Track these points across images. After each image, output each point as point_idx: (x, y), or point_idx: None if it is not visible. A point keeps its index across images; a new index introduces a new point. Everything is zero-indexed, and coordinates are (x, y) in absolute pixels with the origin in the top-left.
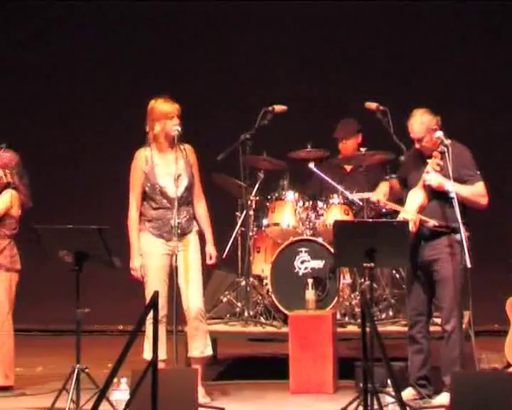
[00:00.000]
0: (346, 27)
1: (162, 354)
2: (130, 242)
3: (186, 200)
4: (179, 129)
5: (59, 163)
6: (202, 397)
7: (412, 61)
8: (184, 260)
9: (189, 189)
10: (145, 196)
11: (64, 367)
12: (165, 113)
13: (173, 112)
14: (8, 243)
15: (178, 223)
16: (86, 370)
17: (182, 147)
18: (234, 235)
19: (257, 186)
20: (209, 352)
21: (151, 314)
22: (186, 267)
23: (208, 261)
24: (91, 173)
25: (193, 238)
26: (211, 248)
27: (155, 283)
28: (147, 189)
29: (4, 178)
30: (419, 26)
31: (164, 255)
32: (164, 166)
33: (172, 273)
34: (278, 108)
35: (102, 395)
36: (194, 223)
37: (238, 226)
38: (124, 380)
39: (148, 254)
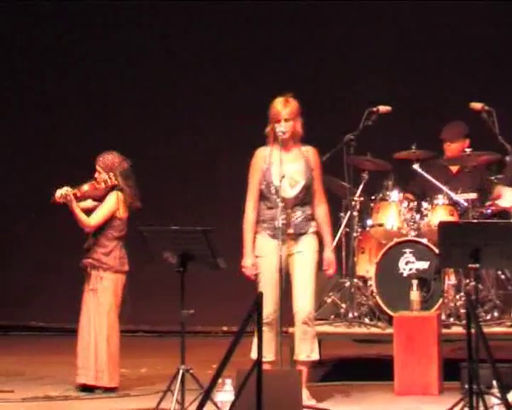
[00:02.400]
0: (453, 28)
1: (271, 356)
2: (244, 239)
3: (301, 201)
4: (283, 130)
5: (164, 166)
6: (307, 400)
7: None
8: (297, 261)
9: (306, 190)
10: (262, 196)
11: (169, 368)
12: (273, 114)
13: (280, 115)
14: (115, 245)
15: (283, 224)
16: (191, 371)
17: (304, 148)
18: (338, 236)
19: (361, 187)
20: (315, 357)
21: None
22: (298, 269)
23: (325, 268)
24: (197, 175)
25: (308, 240)
26: (328, 254)
27: (268, 285)
28: (263, 187)
29: (109, 181)
30: None
31: (278, 256)
32: (282, 165)
33: (288, 274)
34: (383, 108)
35: (207, 396)
36: (312, 224)
37: (342, 227)
38: (228, 381)
39: (263, 256)
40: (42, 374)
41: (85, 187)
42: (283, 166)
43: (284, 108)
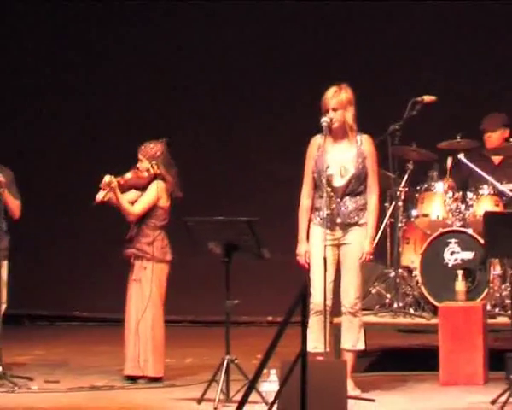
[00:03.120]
0: (497, 17)
1: (325, 347)
2: (299, 227)
3: (353, 190)
4: (327, 120)
5: (209, 156)
6: (352, 390)
7: None
8: (344, 252)
9: (357, 179)
10: (315, 184)
11: (214, 358)
12: (322, 103)
13: (327, 104)
14: (158, 234)
15: (331, 213)
16: (236, 361)
17: (359, 137)
18: (383, 226)
19: (406, 177)
20: (360, 347)
21: (312, 305)
22: (344, 260)
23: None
24: (241, 165)
25: (357, 230)
26: (364, 243)
27: (318, 274)
28: (315, 175)
29: (152, 170)
30: None
31: (328, 246)
32: (333, 154)
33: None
34: (427, 98)
35: (252, 386)
36: (365, 214)
37: (387, 217)
38: (273, 371)
39: (314, 245)
40: (87, 364)
41: (128, 175)
42: (334, 155)
43: (333, 98)
